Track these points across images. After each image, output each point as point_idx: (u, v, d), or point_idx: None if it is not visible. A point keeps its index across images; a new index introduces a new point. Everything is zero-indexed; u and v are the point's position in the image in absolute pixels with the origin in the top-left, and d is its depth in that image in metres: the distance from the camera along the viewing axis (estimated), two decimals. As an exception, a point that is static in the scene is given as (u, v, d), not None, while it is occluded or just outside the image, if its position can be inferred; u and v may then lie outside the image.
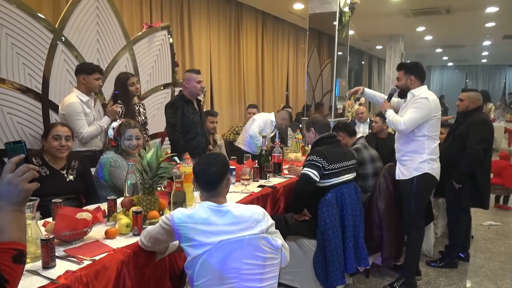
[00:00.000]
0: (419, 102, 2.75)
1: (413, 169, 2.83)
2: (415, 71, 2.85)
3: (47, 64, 3.26)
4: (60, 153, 2.39)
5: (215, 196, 1.59)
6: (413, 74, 2.84)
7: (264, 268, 1.58)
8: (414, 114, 2.74)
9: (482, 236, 4.14)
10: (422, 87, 2.85)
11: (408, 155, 2.88)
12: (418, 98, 2.77)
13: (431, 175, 2.83)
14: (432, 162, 2.83)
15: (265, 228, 1.60)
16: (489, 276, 3.21)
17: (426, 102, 2.74)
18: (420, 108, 2.73)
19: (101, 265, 1.52)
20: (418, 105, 2.75)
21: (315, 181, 2.54)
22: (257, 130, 4.28)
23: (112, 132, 2.56)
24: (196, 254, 1.50)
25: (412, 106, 2.77)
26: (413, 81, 2.84)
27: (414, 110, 2.75)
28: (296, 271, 2.74)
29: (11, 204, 1.02)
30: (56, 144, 2.36)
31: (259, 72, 7.56)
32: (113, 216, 1.97)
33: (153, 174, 1.94)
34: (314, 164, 2.56)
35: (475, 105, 3.27)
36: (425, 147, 2.81)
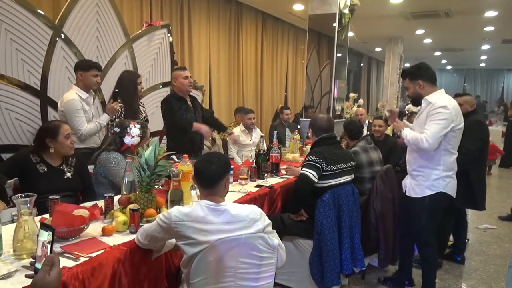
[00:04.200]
0: (439, 112, 2.43)
1: (426, 187, 2.57)
2: (420, 75, 2.59)
3: (46, 61, 3.26)
4: (72, 150, 2.43)
5: (213, 195, 1.60)
6: (420, 78, 2.58)
7: (260, 268, 1.59)
8: (435, 128, 2.43)
9: (477, 239, 4.16)
10: (437, 92, 2.56)
11: (420, 170, 2.61)
12: (436, 107, 2.45)
13: (446, 194, 2.58)
14: (448, 179, 2.56)
15: (261, 228, 1.61)
16: (484, 279, 3.23)
17: (445, 111, 2.43)
18: (441, 120, 2.43)
19: (97, 262, 1.52)
20: (438, 116, 2.43)
21: (313, 182, 2.55)
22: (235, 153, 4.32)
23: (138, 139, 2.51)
24: (193, 252, 1.50)
25: (431, 119, 2.46)
26: (422, 86, 2.57)
27: (435, 123, 2.44)
28: (292, 271, 2.75)
29: None
30: (69, 142, 2.39)
31: (258, 72, 7.57)
32: (110, 213, 1.97)
33: (150, 172, 1.94)
34: (313, 165, 2.56)
35: (472, 107, 3.31)
36: (441, 162, 2.54)
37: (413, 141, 2.51)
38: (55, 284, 1.05)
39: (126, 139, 2.50)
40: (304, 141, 4.32)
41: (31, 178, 2.33)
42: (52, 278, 1.04)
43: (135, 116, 3.21)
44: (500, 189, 6.92)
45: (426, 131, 2.45)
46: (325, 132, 2.73)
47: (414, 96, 2.65)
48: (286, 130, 5.22)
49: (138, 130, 2.51)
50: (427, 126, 2.47)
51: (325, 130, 2.73)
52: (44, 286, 1.03)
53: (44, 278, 1.03)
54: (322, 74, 8.44)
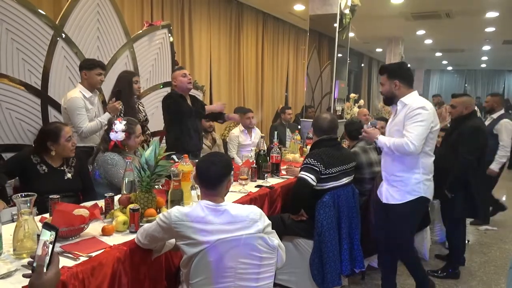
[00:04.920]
0: (418, 113, 2.34)
1: (406, 193, 2.45)
2: (399, 74, 2.47)
3: (47, 60, 3.26)
4: (73, 152, 2.43)
5: (214, 196, 1.60)
6: (398, 78, 2.46)
7: (260, 268, 1.59)
8: (418, 129, 2.32)
9: (478, 240, 4.16)
10: (412, 93, 2.46)
11: (398, 175, 2.48)
12: (413, 109, 2.36)
13: (426, 198, 2.49)
14: (428, 183, 2.48)
15: (261, 228, 1.61)
16: (484, 281, 3.22)
17: (424, 111, 2.34)
18: (421, 121, 2.33)
19: (97, 261, 1.52)
20: (418, 117, 2.34)
21: (312, 185, 2.54)
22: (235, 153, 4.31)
23: (123, 135, 2.50)
24: (193, 252, 1.51)
25: (412, 121, 2.35)
26: (398, 86, 2.46)
27: (417, 125, 2.33)
28: (292, 271, 2.75)
29: None
30: (70, 145, 2.39)
31: (258, 72, 7.57)
32: (110, 213, 1.97)
33: (151, 172, 1.94)
34: (311, 168, 2.54)
35: (468, 110, 3.15)
36: (419, 165, 2.43)
37: (396, 147, 2.36)
38: (53, 283, 1.04)
39: (111, 134, 2.50)
40: (305, 142, 4.32)
41: (31, 179, 2.33)
42: (48, 277, 1.03)
43: (133, 115, 3.20)
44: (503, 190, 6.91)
45: (409, 133, 2.32)
46: (326, 133, 2.71)
47: (388, 94, 2.53)
48: (287, 130, 5.23)
49: (122, 126, 2.51)
50: (409, 128, 2.34)
51: (326, 132, 2.71)
52: (41, 286, 1.01)
53: (40, 278, 1.02)
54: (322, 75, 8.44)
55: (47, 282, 1.02)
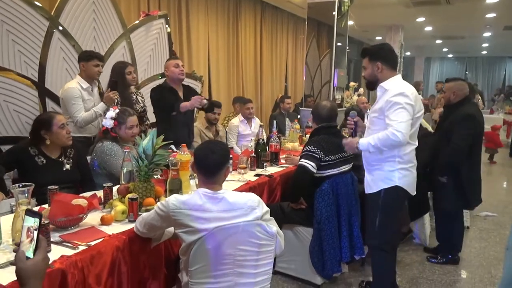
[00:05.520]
0: (397, 101, 2.14)
1: (380, 180, 2.29)
2: (381, 56, 2.30)
3: (43, 52, 3.24)
4: (69, 140, 2.42)
5: (212, 183, 1.60)
6: (380, 59, 2.29)
7: (258, 255, 1.60)
8: (402, 116, 2.12)
9: (478, 226, 4.17)
10: (394, 77, 2.29)
11: (375, 163, 2.33)
12: (393, 95, 2.17)
13: (401, 189, 2.28)
14: (404, 172, 2.27)
15: (260, 215, 1.61)
16: (483, 265, 3.24)
17: (403, 98, 2.15)
18: (403, 107, 2.14)
19: (96, 250, 1.53)
20: (398, 106, 2.14)
21: (312, 173, 2.54)
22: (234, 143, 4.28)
23: (112, 123, 2.52)
24: (191, 240, 1.51)
25: (394, 108, 2.15)
26: (380, 68, 2.29)
27: (398, 111, 2.13)
28: (292, 259, 2.76)
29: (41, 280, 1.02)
30: (64, 132, 2.38)
31: (257, 62, 7.52)
32: (109, 203, 1.97)
33: (149, 161, 1.94)
34: (311, 155, 2.55)
35: (457, 96, 3.03)
36: (395, 153, 2.24)
37: (382, 142, 2.13)
38: (40, 268, 1.02)
39: (104, 121, 2.54)
40: (304, 131, 4.31)
41: (30, 171, 2.33)
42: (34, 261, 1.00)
43: (130, 106, 3.19)
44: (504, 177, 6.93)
45: (392, 122, 2.12)
46: (325, 121, 2.71)
47: (370, 78, 2.36)
48: (286, 119, 5.21)
49: (113, 113, 2.53)
50: (391, 116, 2.14)
51: (325, 119, 2.71)
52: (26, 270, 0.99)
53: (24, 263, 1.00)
54: (322, 63, 8.40)
55: (33, 267, 0.99)
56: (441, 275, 3.06)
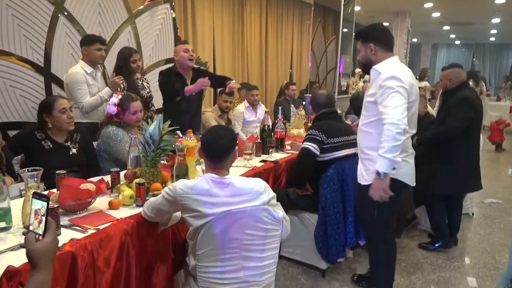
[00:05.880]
0: (389, 85, 1.99)
1: (373, 172, 2.03)
2: (374, 37, 2.16)
3: (49, 37, 3.24)
4: (70, 125, 2.40)
5: (219, 169, 1.60)
6: (372, 40, 2.15)
7: (265, 239, 1.61)
8: (396, 101, 1.95)
9: (482, 213, 4.17)
10: (389, 59, 2.13)
11: (367, 152, 2.17)
12: (384, 79, 2.02)
13: (397, 181, 2.08)
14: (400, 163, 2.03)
15: (266, 200, 1.61)
16: (488, 252, 3.25)
17: (395, 82, 1.99)
18: (396, 91, 1.97)
19: (105, 234, 1.55)
20: (391, 90, 1.98)
21: (315, 155, 2.56)
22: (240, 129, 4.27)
23: (115, 109, 2.53)
24: (198, 224, 1.52)
25: (385, 94, 2.00)
26: (373, 50, 2.15)
27: (392, 97, 1.97)
28: (297, 244, 2.79)
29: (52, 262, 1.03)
30: (65, 117, 2.37)
31: (262, 48, 7.46)
32: (116, 187, 1.99)
33: (155, 146, 1.94)
34: (313, 138, 2.58)
35: (453, 83, 2.99)
36: None
37: (391, 142, 1.90)
38: (50, 249, 1.03)
39: (107, 107, 2.57)
40: (309, 117, 4.30)
41: (37, 155, 2.35)
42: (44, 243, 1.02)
43: (135, 92, 3.18)
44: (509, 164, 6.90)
45: (387, 109, 1.96)
46: (324, 108, 2.75)
47: (364, 61, 2.23)
48: (291, 106, 5.19)
49: (116, 99, 2.54)
50: (385, 103, 1.98)
51: (324, 106, 2.75)
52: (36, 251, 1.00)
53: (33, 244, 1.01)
54: (327, 50, 8.33)
55: (43, 249, 1.00)
56: (446, 260, 3.07)
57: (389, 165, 1.92)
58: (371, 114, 2.16)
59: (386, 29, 2.23)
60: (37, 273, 0.98)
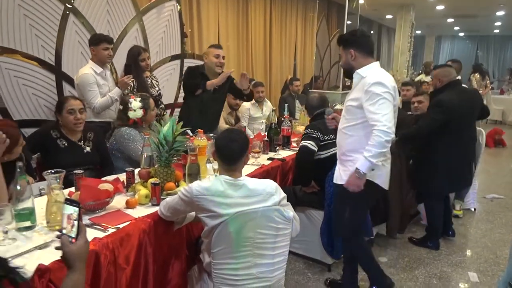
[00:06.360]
0: (375, 91, 2.03)
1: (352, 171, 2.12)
2: (354, 43, 2.21)
3: (59, 36, 3.29)
4: (77, 127, 2.47)
5: (232, 171, 1.67)
6: (352, 46, 2.20)
7: (276, 238, 1.69)
8: (384, 108, 2.01)
9: (484, 208, 4.24)
10: (371, 65, 2.18)
11: (349, 154, 2.21)
12: (370, 84, 2.05)
13: (373, 184, 2.16)
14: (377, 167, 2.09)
15: (277, 201, 1.69)
16: (489, 247, 3.33)
17: (381, 88, 2.03)
18: (383, 97, 2.02)
19: (125, 233, 1.63)
20: (378, 97, 2.02)
21: (313, 151, 2.66)
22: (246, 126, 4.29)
23: (141, 112, 2.58)
24: (214, 224, 1.60)
25: (372, 100, 2.03)
26: (353, 56, 2.19)
27: (380, 104, 2.02)
28: (304, 240, 2.87)
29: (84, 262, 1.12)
30: (72, 118, 2.43)
31: (266, 42, 7.49)
32: (132, 187, 2.06)
33: (169, 147, 2.01)
34: (310, 136, 2.69)
35: (442, 82, 3.04)
36: None
37: (378, 147, 1.98)
38: (83, 250, 1.12)
39: (130, 113, 2.58)
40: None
41: (52, 153, 2.43)
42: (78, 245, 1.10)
43: (145, 90, 3.25)
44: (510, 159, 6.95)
45: (375, 115, 2.01)
46: (318, 109, 2.87)
47: (346, 67, 2.29)
48: (296, 102, 5.24)
49: (138, 103, 2.58)
50: (372, 109, 2.03)
51: (318, 107, 2.88)
52: (71, 253, 1.09)
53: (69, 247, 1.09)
54: (331, 44, 8.33)
55: (77, 250, 1.10)
56: (447, 255, 3.16)
57: (370, 167, 2.05)
58: (354, 117, 2.19)
59: (366, 35, 2.29)
60: (73, 273, 1.07)
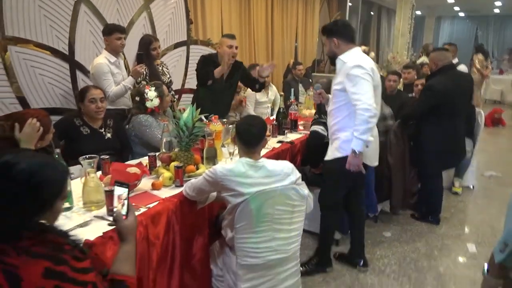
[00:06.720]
0: (355, 73, 2.22)
1: (336, 149, 2.39)
2: (336, 32, 2.39)
3: (72, 26, 3.40)
4: (98, 114, 2.60)
5: (252, 153, 1.82)
6: (335, 35, 2.38)
7: (292, 214, 1.85)
8: (364, 88, 2.20)
9: (482, 186, 4.41)
10: (351, 50, 2.36)
11: (336, 133, 2.41)
12: (350, 67, 2.25)
13: None
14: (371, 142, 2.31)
15: (294, 180, 1.84)
16: (486, 221, 3.51)
17: (360, 70, 2.22)
18: (362, 78, 2.21)
19: (155, 211, 1.78)
20: (357, 78, 2.21)
21: (323, 136, 2.78)
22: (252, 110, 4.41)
23: (158, 100, 2.69)
24: (236, 202, 1.75)
25: (353, 82, 2.22)
26: (336, 44, 2.38)
27: (360, 84, 2.21)
28: (314, 217, 3.02)
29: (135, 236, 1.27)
30: (93, 106, 2.56)
31: (268, 27, 7.52)
32: (154, 170, 2.21)
33: (189, 133, 2.16)
34: (318, 121, 2.83)
35: (437, 66, 3.17)
36: (352, 124, 2.26)
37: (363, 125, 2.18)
38: (133, 225, 1.29)
39: (148, 103, 2.70)
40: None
41: (75, 140, 2.57)
42: (129, 221, 1.27)
43: (157, 78, 3.36)
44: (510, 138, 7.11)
45: (356, 95, 2.20)
46: None
47: (330, 54, 2.48)
48: (300, 85, 5.35)
49: (154, 92, 2.69)
50: (353, 89, 2.22)
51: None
52: (124, 227, 1.25)
53: (122, 222, 1.26)
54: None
55: (130, 225, 1.26)
56: (447, 229, 3.34)
57: (363, 144, 2.24)
58: (338, 100, 2.38)
59: (347, 23, 2.53)
60: (126, 245, 1.22)
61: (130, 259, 1.21)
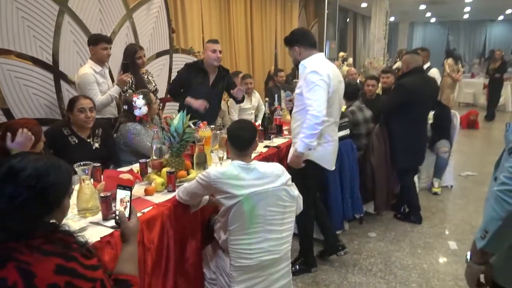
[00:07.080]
0: (310, 79, 2.32)
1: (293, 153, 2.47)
2: (296, 40, 2.52)
3: (56, 36, 3.38)
4: (87, 124, 2.60)
5: (244, 156, 1.88)
6: (295, 44, 2.51)
7: (284, 214, 1.91)
8: (317, 94, 2.29)
9: (460, 185, 4.59)
10: (312, 56, 2.46)
11: (296, 136, 2.50)
12: (307, 73, 2.35)
13: (312, 162, 2.48)
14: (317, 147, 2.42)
15: (284, 181, 1.91)
16: (465, 219, 3.67)
17: (315, 76, 2.31)
18: (316, 84, 2.30)
19: (149, 216, 1.82)
20: (312, 84, 2.31)
21: None
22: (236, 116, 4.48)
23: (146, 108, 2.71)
24: (230, 204, 1.80)
25: (308, 87, 2.33)
26: (298, 51, 2.50)
27: (314, 91, 2.30)
28: (301, 219, 3.11)
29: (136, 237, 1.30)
30: (83, 116, 2.57)
31: (248, 35, 7.63)
32: (146, 176, 2.24)
33: (180, 139, 2.20)
34: None
35: (408, 68, 3.33)
36: None
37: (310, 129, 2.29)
38: (136, 227, 1.33)
39: (136, 112, 2.72)
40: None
41: (64, 149, 2.56)
42: (132, 222, 1.32)
43: (143, 86, 3.38)
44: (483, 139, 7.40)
45: (309, 101, 2.31)
46: None
47: (295, 63, 2.59)
48: (282, 92, 5.44)
49: (142, 100, 2.71)
50: (308, 95, 2.32)
51: None
52: (127, 229, 1.30)
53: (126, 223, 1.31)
54: (311, 34, 8.52)
55: (133, 227, 1.31)
56: (429, 228, 3.47)
57: (306, 147, 2.36)
58: (299, 104, 2.49)
59: (305, 31, 2.67)
60: (129, 246, 1.26)
61: (133, 259, 1.25)
